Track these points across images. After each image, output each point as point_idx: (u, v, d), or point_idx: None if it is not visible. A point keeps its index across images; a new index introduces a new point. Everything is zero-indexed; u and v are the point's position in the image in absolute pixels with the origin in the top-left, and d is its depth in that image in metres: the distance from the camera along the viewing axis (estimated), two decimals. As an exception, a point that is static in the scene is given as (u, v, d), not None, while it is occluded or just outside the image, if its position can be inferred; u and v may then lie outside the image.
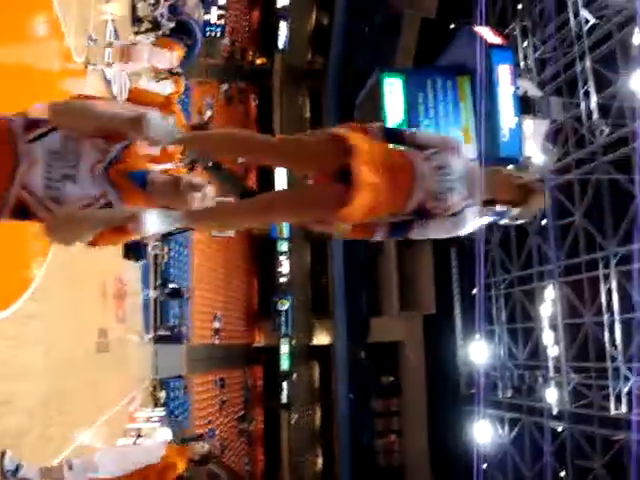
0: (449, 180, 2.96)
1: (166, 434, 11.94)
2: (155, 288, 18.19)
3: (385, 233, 3.09)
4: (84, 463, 5.83)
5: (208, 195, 2.86)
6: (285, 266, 29.59)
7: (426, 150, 3.03)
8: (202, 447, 6.19)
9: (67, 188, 2.64)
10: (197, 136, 3.15)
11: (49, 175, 2.63)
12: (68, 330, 7.46)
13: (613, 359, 16.06)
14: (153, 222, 2.57)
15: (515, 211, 3.19)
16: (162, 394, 17.48)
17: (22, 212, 2.66)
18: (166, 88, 12.32)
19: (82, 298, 8.55)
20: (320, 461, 30.81)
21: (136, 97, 9.00)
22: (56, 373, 6.80)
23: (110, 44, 9.89)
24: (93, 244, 2.72)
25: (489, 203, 3.11)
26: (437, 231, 3.06)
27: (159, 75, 14.90)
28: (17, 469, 5.03)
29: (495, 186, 3.08)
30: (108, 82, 10.15)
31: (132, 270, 13.93)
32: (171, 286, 19.03)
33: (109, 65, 9.85)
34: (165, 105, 5.50)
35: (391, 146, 3.11)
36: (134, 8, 13.68)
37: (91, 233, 2.62)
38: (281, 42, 29.83)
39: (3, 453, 4.96)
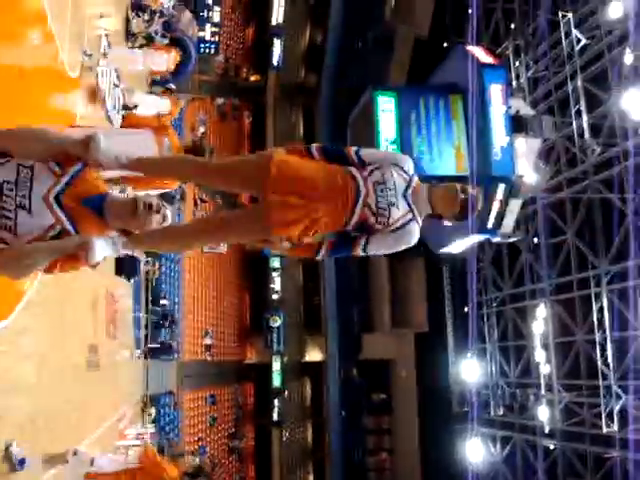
0: (390, 195, 3.00)
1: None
2: (146, 313, 18.12)
3: (327, 251, 3.10)
4: (87, 454, 5.89)
5: (167, 217, 2.88)
6: (277, 282, 29.54)
7: (369, 166, 3.07)
8: (193, 460, 6.19)
9: (20, 218, 2.61)
10: (142, 160, 3.08)
11: (3, 205, 2.61)
12: (59, 346, 7.42)
13: (605, 377, 16.06)
14: (101, 249, 2.57)
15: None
16: (152, 410, 17.38)
17: None
18: (162, 104, 12.39)
19: (73, 314, 8.51)
20: (311, 478, 30.65)
21: (130, 123, 9.07)
22: (46, 389, 6.76)
23: (104, 54, 9.90)
24: (48, 271, 2.70)
25: (436, 217, 3.15)
26: (379, 246, 3.08)
27: (154, 88, 15.00)
28: (23, 461, 5.21)
29: (439, 200, 3.10)
30: (102, 98, 10.15)
31: (124, 286, 13.89)
32: (162, 311, 19.03)
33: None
34: (159, 128, 5.48)
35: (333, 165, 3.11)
36: (128, 23, 13.72)
37: (42, 264, 2.62)
38: (275, 59, 29.95)
39: (9, 445, 5.07)
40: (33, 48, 6.44)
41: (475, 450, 20.89)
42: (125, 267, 12.80)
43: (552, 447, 18.46)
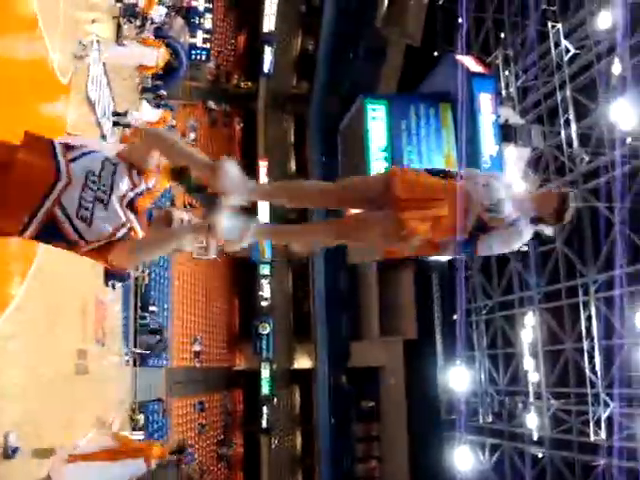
0: (497, 194, 3.31)
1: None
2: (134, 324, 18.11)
3: (453, 250, 3.41)
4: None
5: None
6: (266, 290, 29.52)
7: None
8: (174, 440, 6.08)
9: (97, 211, 2.73)
10: (266, 189, 3.56)
11: (84, 195, 2.72)
12: (47, 351, 7.41)
13: (592, 385, 16.13)
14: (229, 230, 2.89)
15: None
16: (140, 417, 17.33)
17: (50, 228, 2.70)
18: (155, 113, 12.52)
19: (62, 319, 8.49)
20: (300, 486, 30.60)
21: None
22: (34, 395, 6.74)
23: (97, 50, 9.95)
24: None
25: (537, 220, 3.48)
26: (498, 242, 3.37)
27: (145, 95, 15.08)
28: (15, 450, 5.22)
29: (538, 202, 3.45)
30: (92, 104, 10.17)
31: (113, 292, 13.86)
32: (152, 326, 19.02)
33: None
34: None
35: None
36: (119, 30, 13.74)
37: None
38: (266, 66, 30.01)
39: (7, 434, 5.11)
40: (24, 54, 6.45)
41: (464, 457, 20.93)
42: (114, 272, 12.78)
43: (540, 455, 18.50)
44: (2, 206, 2.65)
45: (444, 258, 16.80)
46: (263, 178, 29.23)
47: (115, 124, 12.32)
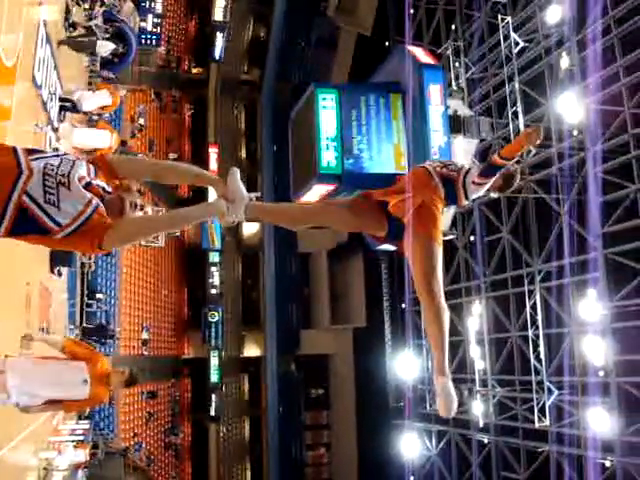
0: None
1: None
2: (80, 323, 17.84)
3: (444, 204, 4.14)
4: None
5: (147, 213, 3.26)
6: (216, 277, 29.38)
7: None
8: (122, 373, 5.51)
9: (61, 193, 2.90)
10: (269, 210, 4.16)
11: (46, 182, 2.89)
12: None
13: (537, 373, 16.45)
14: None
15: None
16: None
17: (23, 219, 2.85)
18: (104, 99, 12.35)
19: (4, 306, 8.33)
20: (249, 474, 30.60)
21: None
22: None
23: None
24: None
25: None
26: (470, 185, 4.12)
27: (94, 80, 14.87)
28: None
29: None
30: (38, 87, 9.95)
31: (58, 280, 13.63)
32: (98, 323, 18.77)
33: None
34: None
35: None
36: (68, 13, 13.45)
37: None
38: (217, 52, 29.76)
39: None
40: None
41: (411, 444, 21.18)
42: (59, 257, 12.56)
43: (486, 441, 18.82)
44: None
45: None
46: (213, 165, 29.04)
47: (62, 108, 12.09)
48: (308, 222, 4.14)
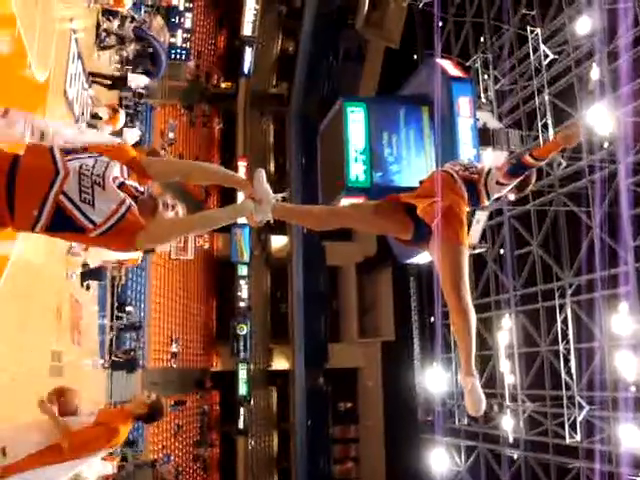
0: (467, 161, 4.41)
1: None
2: (111, 321, 18.00)
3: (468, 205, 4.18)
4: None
5: (179, 213, 3.35)
6: (244, 290, 29.43)
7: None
8: (148, 397, 5.01)
9: (96, 192, 3.01)
10: (295, 210, 4.26)
11: (82, 182, 3.00)
12: (21, 353, 7.34)
13: (568, 388, 16.25)
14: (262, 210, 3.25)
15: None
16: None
17: (59, 216, 2.98)
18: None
19: (36, 320, 8.42)
20: (277, 488, 30.55)
21: None
22: (8, 396, 6.68)
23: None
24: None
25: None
26: (492, 186, 4.18)
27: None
28: None
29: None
30: (70, 103, 10.09)
31: (88, 292, 13.75)
32: (126, 321, 18.92)
33: None
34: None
35: None
36: (98, 28, 13.67)
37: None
38: (246, 67, 29.95)
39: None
40: (0, 51, 6.38)
41: (440, 459, 20.99)
42: (92, 272, 12.72)
43: (516, 457, 18.61)
44: (15, 208, 2.95)
45: (424, 257, 16.79)
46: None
47: (90, 126, 12.23)
48: (332, 223, 4.23)
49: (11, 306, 6.80)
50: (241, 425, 28.46)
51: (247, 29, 29.37)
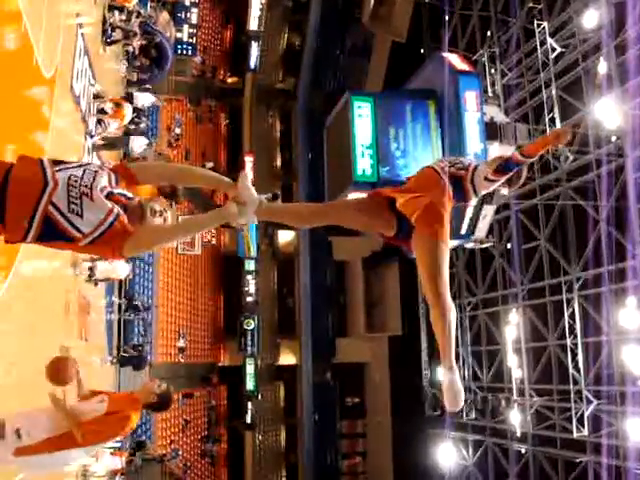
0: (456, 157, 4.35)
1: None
2: (119, 306, 18.09)
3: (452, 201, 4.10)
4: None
5: (167, 219, 3.46)
6: (251, 285, 29.45)
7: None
8: (159, 386, 5.00)
9: (84, 203, 3.07)
10: (278, 210, 4.17)
11: (70, 193, 3.07)
12: (29, 348, 7.36)
13: (575, 382, 16.23)
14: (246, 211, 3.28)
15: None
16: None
17: (49, 227, 3.05)
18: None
19: (44, 315, 8.44)
20: (284, 482, 30.61)
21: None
22: (16, 391, 6.70)
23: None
24: None
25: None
26: (480, 184, 4.13)
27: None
28: None
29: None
30: (77, 98, 10.11)
31: (96, 288, 13.79)
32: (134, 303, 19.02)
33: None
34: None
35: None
36: (105, 24, 13.68)
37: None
38: (252, 62, 29.93)
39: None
40: (7, 47, 6.39)
41: (447, 454, 21.00)
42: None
43: (523, 451, 18.60)
44: (6, 219, 3.01)
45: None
46: (249, 173, 29.17)
47: (97, 121, 12.25)
48: (314, 221, 4.25)
49: (19, 302, 6.82)
50: (249, 420, 28.51)
51: (253, 24, 29.34)
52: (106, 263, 12.64)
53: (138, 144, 15.01)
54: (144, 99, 16.22)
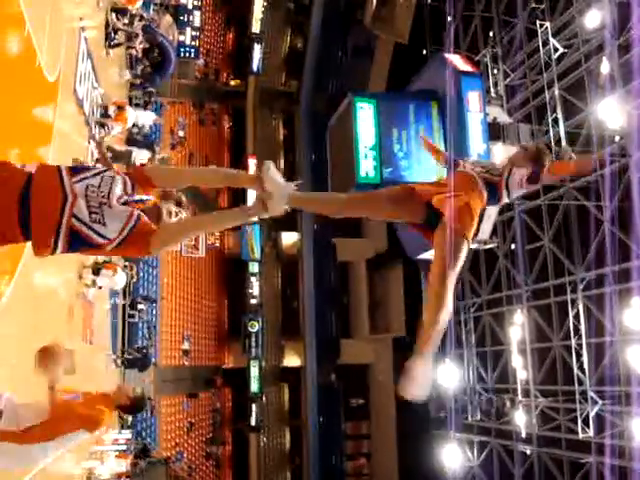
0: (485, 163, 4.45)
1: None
2: (124, 298, 18.15)
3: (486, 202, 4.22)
4: None
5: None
6: (255, 287, 29.47)
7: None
8: (133, 389, 5.00)
9: (105, 212, 3.16)
10: (310, 198, 4.21)
11: (90, 203, 3.15)
12: (33, 351, 7.35)
13: (580, 383, 16.20)
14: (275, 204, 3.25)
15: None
16: (128, 416, 17.30)
17: (75, 239, 3.14)
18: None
19: (48, 318, 8.45)
20: (289, 484, 30.60)
21: None
22: (22, 396, 6.69)
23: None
24: None
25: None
26: (512, 184, 4.25)
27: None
28: None
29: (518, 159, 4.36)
30: (80, 101, 10.13)
31: (100, 290, 13.80)
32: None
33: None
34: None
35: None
36: (107, 27, 13.73)
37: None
38: (255, 64, 29.95)
39: None
40: (9, 51, 6.40)
41: (452, 455, 20.96)
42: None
43: (529, 452, 18.56)
44: (34, 236, 3.11)
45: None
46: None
47: (100, 125, 12.28)
48: (346, 211, 4.23)
49: (24, 306, 6.83)
50: (253, 422, 28.51)
51: (256, 26, 29.38)
52: (106, 279, 12.67)
53: (140, 157, 15.04)
54: (145, 118, 16.17)
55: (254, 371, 28.61)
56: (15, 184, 3.09)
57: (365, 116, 15.53)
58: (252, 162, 29.41)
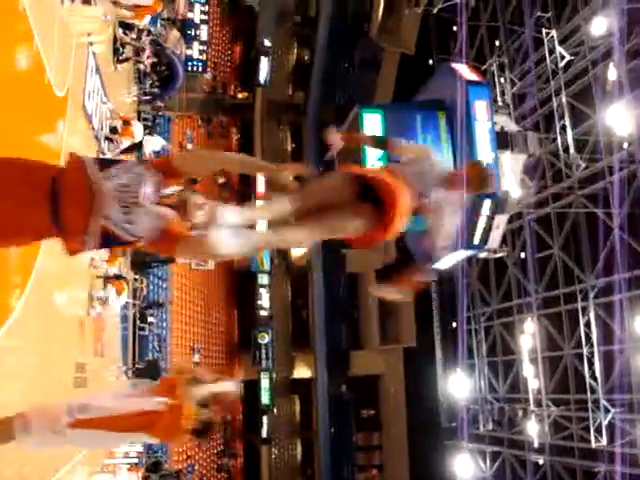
0: (427, 177, 3.90)
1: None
2: (133, 305, 18.15)
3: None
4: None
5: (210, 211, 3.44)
6: (265, 299, 29.45)
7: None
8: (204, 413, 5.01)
9: (135, 211, 3.16)
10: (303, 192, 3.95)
11: (120, 203, 3.15)
12: (45, 365, 7.39)
13: (593, 391, 16.11)
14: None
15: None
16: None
17: (106, 237, 3.15)
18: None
19: (60, 332, 8.48)
20: (301, 496, 30.49)
21: None
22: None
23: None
24: None
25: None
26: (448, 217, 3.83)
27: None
28: None
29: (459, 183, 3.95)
30: (89, 117, 10.19)
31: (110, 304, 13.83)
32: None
33: None
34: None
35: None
36: (115, 42, 13.81)
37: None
38: (262, 77, 30.04)
39: None
40: (19, 66, 6.45)
41: (464, 465, 20.87)
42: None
43: (541, 462, 18.46)
44: (65, 232, 3.13)
45: (446, 263, 16.74)
46: (260, 187, 29.21)
47: (109, 140, 12.34)
48: None
49: (36, 319, 6.86)
50: (264, 434, 28.43)
51: (262, 38, 29.50)
52: (114, 299, 12.76)
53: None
54: (154, 144, 16.11)
55: (265, 383, 28.56)
56: (44, 181, 3.11)
57: (372, 127, 15.55)
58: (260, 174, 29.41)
